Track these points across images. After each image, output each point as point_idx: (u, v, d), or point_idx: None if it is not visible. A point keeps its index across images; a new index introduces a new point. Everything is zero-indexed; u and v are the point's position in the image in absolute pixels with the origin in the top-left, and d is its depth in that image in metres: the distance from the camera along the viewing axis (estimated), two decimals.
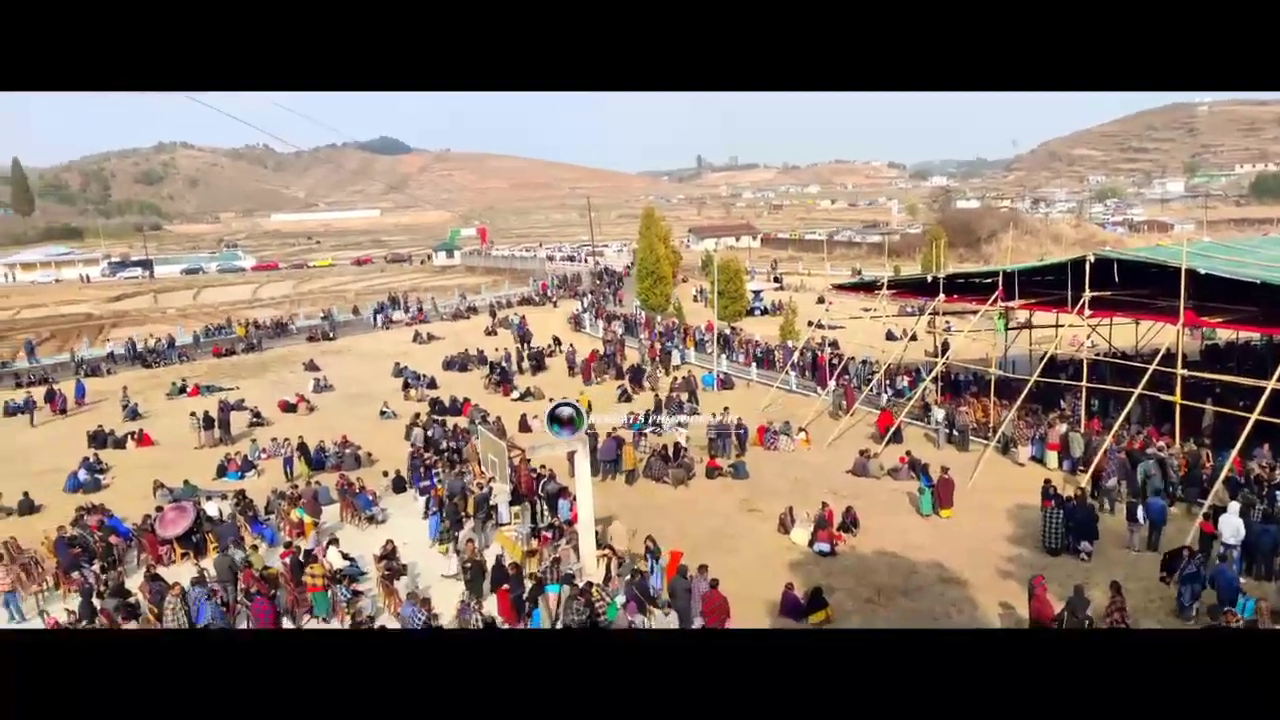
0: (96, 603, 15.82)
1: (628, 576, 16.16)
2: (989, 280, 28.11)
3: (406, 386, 36.02)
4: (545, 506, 20.40)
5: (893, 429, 26.05)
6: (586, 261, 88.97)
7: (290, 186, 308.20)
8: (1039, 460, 23.62)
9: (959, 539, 18.95)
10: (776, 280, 69.92)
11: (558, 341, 42.74)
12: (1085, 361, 25.28)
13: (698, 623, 14.63)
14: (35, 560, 18.26)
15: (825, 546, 18.56)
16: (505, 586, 15.57)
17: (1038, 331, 32.49)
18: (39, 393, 35.66)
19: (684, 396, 32.00)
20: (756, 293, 57.49)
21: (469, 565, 16.22)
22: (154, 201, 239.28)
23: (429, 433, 26.95)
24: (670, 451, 24.21)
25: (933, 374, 28.90)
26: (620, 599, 14.96)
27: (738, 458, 24.99)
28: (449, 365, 40.41)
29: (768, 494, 22.14)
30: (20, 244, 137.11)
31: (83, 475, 25.07)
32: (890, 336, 39.48)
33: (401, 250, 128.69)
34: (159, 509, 20.41)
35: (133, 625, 15.05)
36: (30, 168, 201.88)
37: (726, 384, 35.33)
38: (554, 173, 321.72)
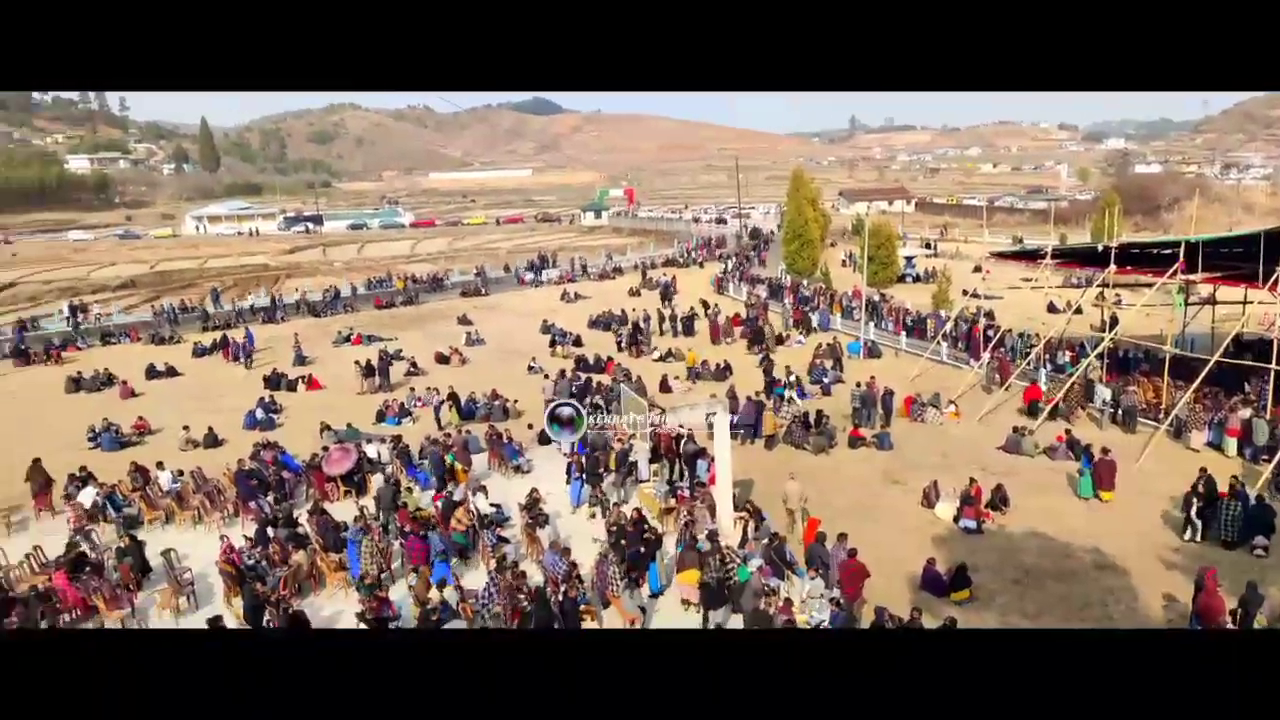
0: (270, 531, 17.18)
1: (765, 540, 16.14)
2: (1168, 251, 26.02)
3: (553, 343, 36.96)
4: (683, 466, 20.58)
5: (1051, 405, 24.75)
6: (728, 223, 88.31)
7: (448, 146, 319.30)
8: (1216, 446, 21.90)
9: (1120, 524, 17.89)
10: (929, 246, 67.25)
11: (705, 305, 42.48)
12: (1276, 342, 23.14)
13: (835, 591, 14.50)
14: (218, 489, 20.00)
15: (971, 523, 17.94)
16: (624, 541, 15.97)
17: (1221, 308, 29.93)
18: (234, 335, 38.69)
19: (828, 364, 31.42)
20: (908, 259, 55.52)
21: (614, 529, 16.56)
22: (325, 160, 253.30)
23: (556, 385, 27.80)
24: (812, 418, 23.88)
25: (1098, 350, 27.17)
26: (756, 562, 14.98)
27: (882, 428, 24.39)
28: (594, 324, 41.15)
29: (912, 466, 21.54)
30: (207, 198, 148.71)
31: (259, 414, 27.11)
32: (1052, 309, 37.32)
33: (551, 210, 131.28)
34: (325, 449, 21.83)
35: (299, 556, 16.22)
36: (216, 127, 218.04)
37: (873, 352, 34.42)
38: (703, 133, 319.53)
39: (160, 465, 21.00)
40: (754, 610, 13.42)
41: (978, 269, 48.36)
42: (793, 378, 28.68)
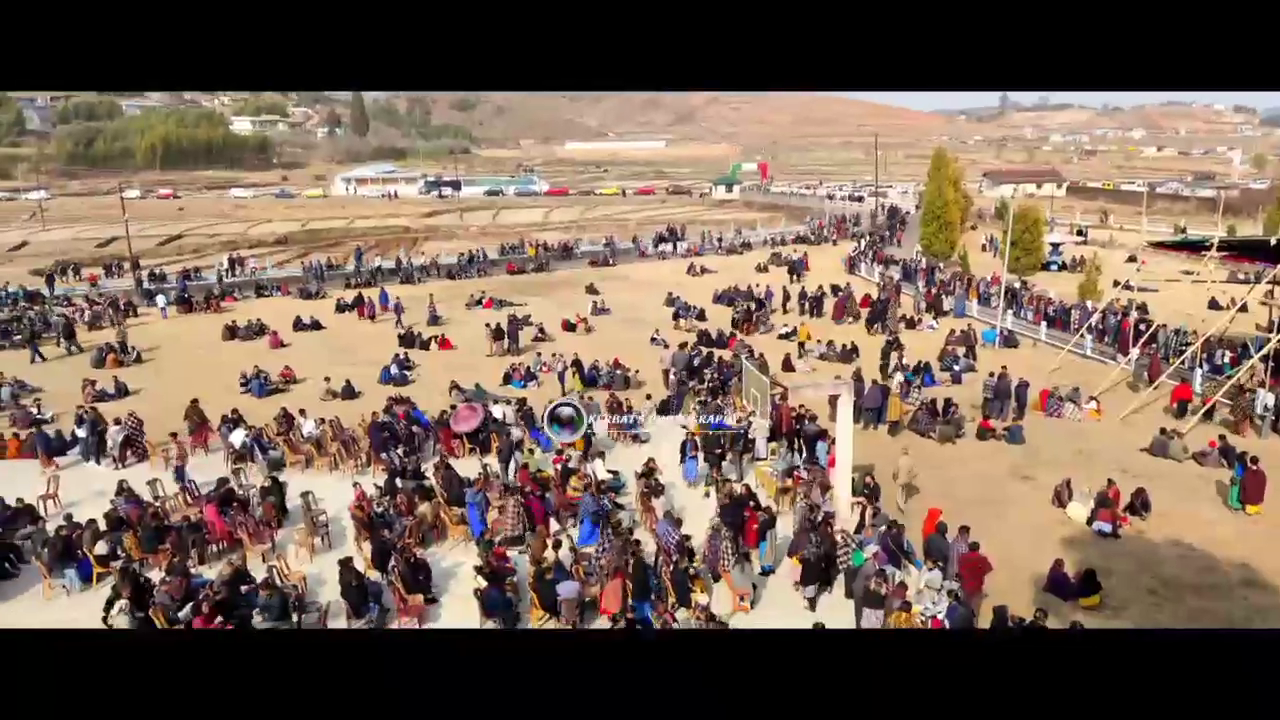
0: (398, 482, 17.99)
1: (883, 528, 15.79)
2: None
3: (677, 316, 37.01)
4: (803, 447, 20.30)
5: (1207, 407, 23.10)
6: (864, 201, 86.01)
7: (583, 116, 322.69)
8: None
9: (1275, 540, 16.60)
10: (1080, 233, 63.58)
11: (835, 289, 41.33)
12: None
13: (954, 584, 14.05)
14: (353, 439, 21.05)
15: (1106, 526, 17.02)
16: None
17: None
18: (369, 294, 40.54)
19: (960, 351, 30.28)
20: (1055, 246, 52.67)
21: (726, 503, 16.52)
22: (466, 127, 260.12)
23: (674, 356, 27.87)
24: (940, 406, 23.12)
25: (1263, 351, 25.13)
26: (872, 548, 14.67)
27: (1014, 421, 23.36)
28: (718, 299, 40.88)
29: (1044, 463, 20.59)
30: (356, 161, 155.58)
31: (394, 370, 28.34)
32: (1215, 305, 34.75)
33: (682, 183, 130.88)
34: (453, 406, 22.64)
35: (424, 507, 16.88)
36: (366, 93, 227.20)
37: (1010, 342, 32.93)
38: (841, 108, 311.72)
39: (303, 412, 22.26)
40: (865, 591, 13.16)
41: (1132, 259, 45.43)
42: (905, 362, 27.79)
